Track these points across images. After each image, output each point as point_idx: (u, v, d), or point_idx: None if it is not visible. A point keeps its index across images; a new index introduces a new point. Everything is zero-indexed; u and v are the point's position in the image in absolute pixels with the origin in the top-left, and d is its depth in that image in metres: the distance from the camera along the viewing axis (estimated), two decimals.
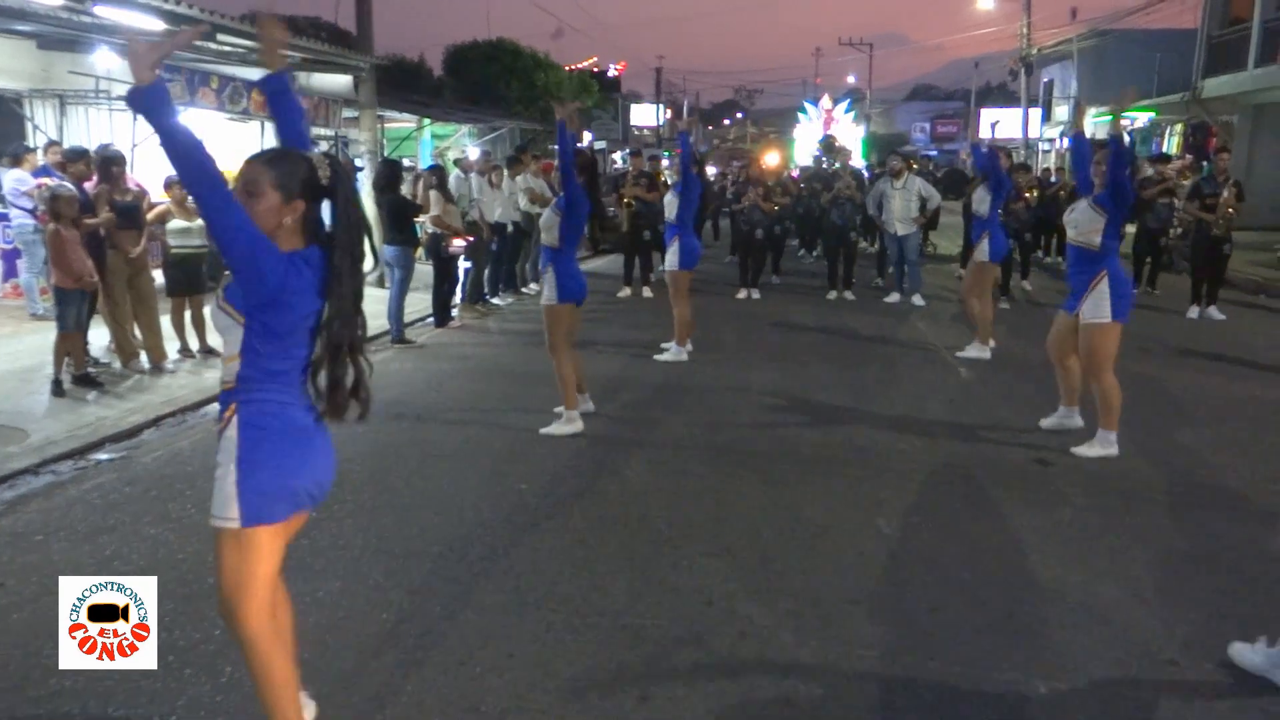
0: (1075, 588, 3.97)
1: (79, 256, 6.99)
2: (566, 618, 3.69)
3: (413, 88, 23.55)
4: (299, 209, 2.52)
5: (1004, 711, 3.10)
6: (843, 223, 12.35)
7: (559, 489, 5.19)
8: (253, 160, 2.55)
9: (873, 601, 3.87)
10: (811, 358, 8.75)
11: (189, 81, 10.49)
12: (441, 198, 10.27)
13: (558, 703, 3.12)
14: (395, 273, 9.64)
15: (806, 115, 47.59)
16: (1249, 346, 8.98)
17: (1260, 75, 18.82)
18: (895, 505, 4.94)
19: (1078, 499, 5.00)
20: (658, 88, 53.20)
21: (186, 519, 4.70)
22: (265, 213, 2.47)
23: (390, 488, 5.15)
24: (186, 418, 6.70)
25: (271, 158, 2.55)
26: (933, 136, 48.97)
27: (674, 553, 4.33)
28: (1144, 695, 3.17)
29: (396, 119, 17.15)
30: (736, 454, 5.82)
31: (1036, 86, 34.16)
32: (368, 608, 3.76)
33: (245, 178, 2.49)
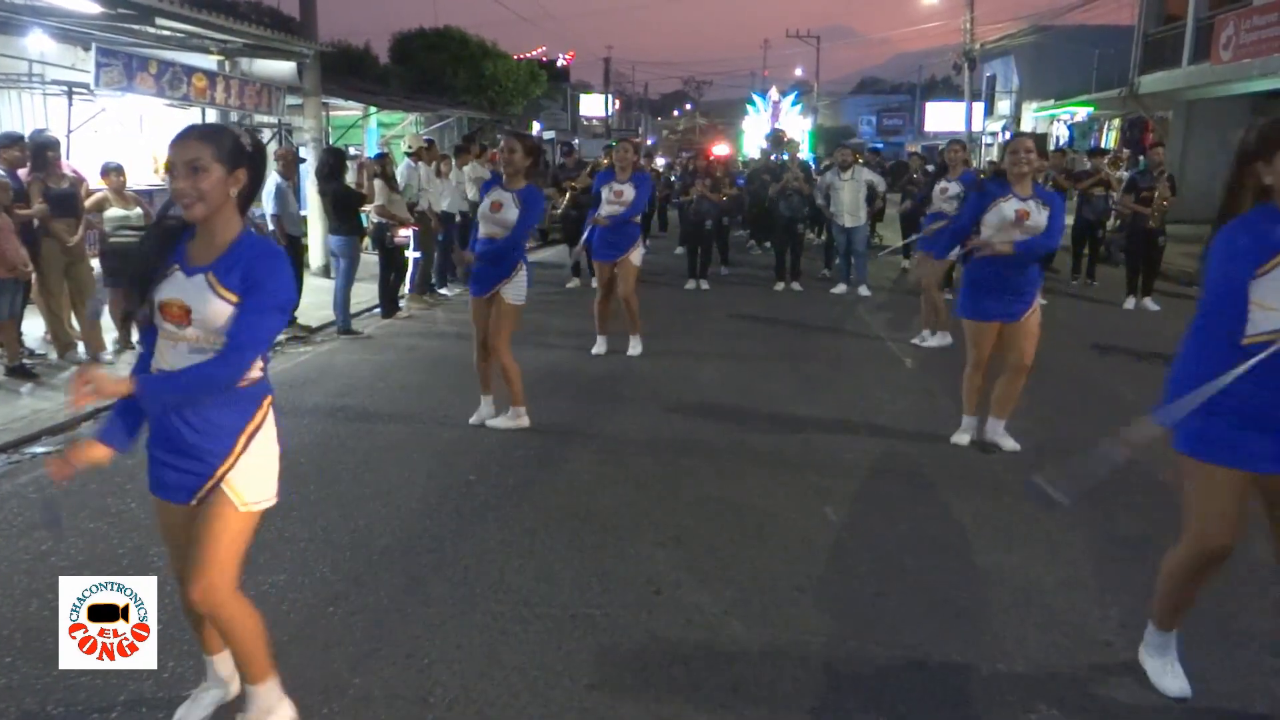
0: (1014, 572, 4.07)
1: (12, 245, 6.81)
2: (514, 608, 3.70)
3: (359, 75, 23.17)
4: (241, 179, 2.53)
5: (946, 692, 3.17)
6: (791, 214, 12.45)
7: (507, 480, 5.18)
8: (187, 139, 2.49)
9: (818, 588, 3.93)
10: (760, 348, 8.82)
11: (126, 67, 10.19)
12: (386, 187, 10.16)
13: (505, 693, 3.13)
14: (340, 262, 9.53)
15: (755, 107, 47.88)
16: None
17: (1193, 72, 19.31)
18: (841, 494, 5.02)
19: (1017, 486, 5.11)
20: (606, 78, 53.15)
21: (127, 514, 4.61)
22: (214, 187, 2.46)
23: (336, 480, 5.10)
24: None
25: (205, 132, 2.56)
26: (879, 129, 49.47)
27: (621, 543, 4.36)
28: (1079, 675, 3.26)
29: (342, 107, 16.87)
30: (684, 444, 5.86)
31: (980, 81, 34.65)
32: (314, 601, 3.73)
33: (186, 156, 2.44)
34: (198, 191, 2.43)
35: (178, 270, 2.53)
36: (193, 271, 2.52)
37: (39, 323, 7.82)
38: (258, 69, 13.32)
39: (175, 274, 2.53)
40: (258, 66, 13.30)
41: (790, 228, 12.59)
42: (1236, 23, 17.33)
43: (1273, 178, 2.73)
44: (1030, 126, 30.01)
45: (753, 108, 49.43)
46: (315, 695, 3.08)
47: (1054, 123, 29.64)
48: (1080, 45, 26.55)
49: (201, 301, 2.49)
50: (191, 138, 2.49)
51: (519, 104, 29.34)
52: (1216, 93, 19.26)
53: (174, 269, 2.54)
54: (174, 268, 2.54)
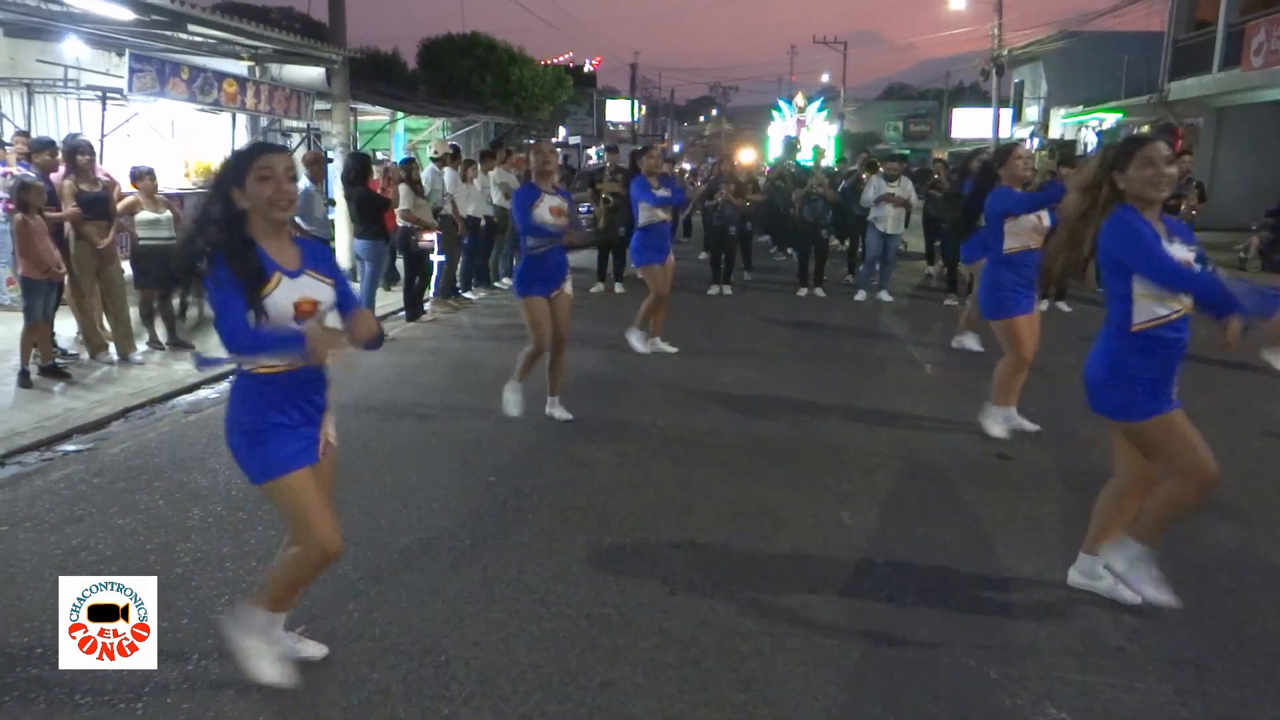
0: (1027, 577, 4.08)
1: (46, 247, 6.96)
2: (532, 607, 3.75)
3: (387, 80, 23.41)
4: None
5: (957, 696, 3.19)
6: (814, 220, 12.47)
7: (526, 482, 5.24)
8: (282, 150, 2.98)
9: (832, 591, 3.96)
10: (781, 353, 8.84)
11: (159, 72, 10.39)
12: (411, 191, 10.27)
13: (521, 688, 3.18)
14: (365, 266, 9.64)
15: (780, 114, 47.82)
16: (1207, 343, 9.14)
17: (1224, 79, 19.14)
18: (858, 498, 5.04)
19: (1033, 492, 5.12)
20: (633, 83, 53.25)
21: (154, 510, 4.71)
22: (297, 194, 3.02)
23: (358, 480, 5.18)
24: (155, 410, 6.69)
25: (281, 146, 2.99)
26: (905, 135, 49.23)
27: (638, 544, 4.40)
28: (1091, 680, 3.27)
29: (370, 112, 17.04)
30: (703, 447, 5.90)
31: (1007, 87, 34.49)
32: (336, 598, 3.80)
33: (286, 164, 2.85)
34: (293, 195, 2.87)
35: (283, 277, 2.85)
36: (296, 274, 2.89)
37: (71, 324, 7.97)
38: (287, 74, 13.52)
39: (283, 281, 2.85)
40: (287, 72, 13.50)
41: (814, 233, 12.59)
42: (1268, 29, 17.16)
43: (1125, 184, 3.51)
44: (1059, 133, 29.80)
45: (778, 114, 49.34)
46: (334, 689, 3.15)
47: (1082, 129, 29.39)
48: (1109, 51, 26.29)
49: (321, 294, 2.92)
50: (281, 149, 3.01)
51: (545, 109, 29.51)
52: (1248, 99, 19.08)
53: (276, 277, 2.84)
54: (276, 276, 2.84)
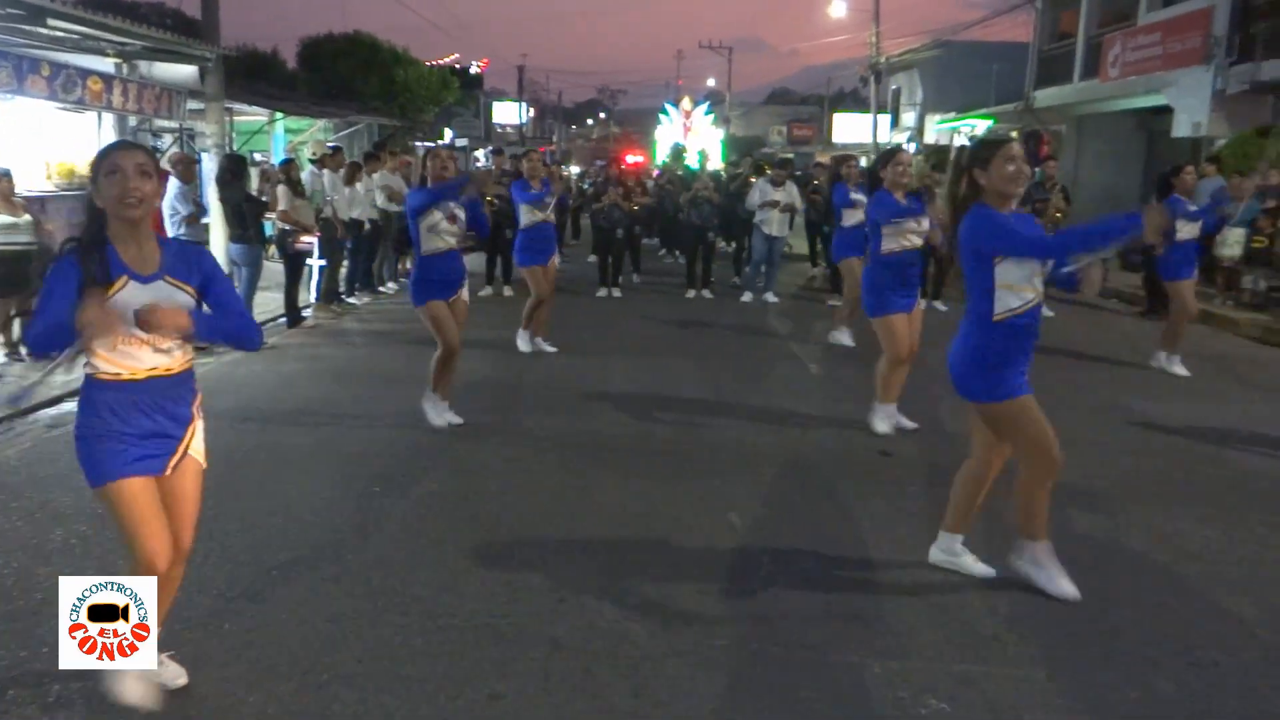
0: (909, 571, 4.19)
1: None
2: (418, 620, 3.67)
3: (265, 80, 22.66)
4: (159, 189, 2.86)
5: (844, 692, 3.25)
6: (701, 222, 12.63)
7: (413, 490, 5.13)
8: (134, 146, 2.80)
9: (721, 593, 3.99)
10: (670, 355, 8.90)
11: (16, 69, 9.79)
12: (290, 193, 9.97)
13: (406, 705, 3.10)
14: (242, 271, 9.30)
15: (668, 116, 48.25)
16: (1073, 339, 9.61)
17: (1084, 88, 20.16)
18: (745, 497, 5.10)
19: (913, 487, 5.27)
20: (520, 85, 52.95)
21: (12, 533, 4.44)
22: (154, 192, 2.74)
23: (237, 493, 4.98)
24: (14, 424, 6.31)
25: (140, 143, 2.90)
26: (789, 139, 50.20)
27: (527, 550, 4.36)
28: (969, 669, 3.38)
29: (247, 112, 16.45)
30: (594, 450, 5.88)
31: (885, 93, 35.51)
32: (209, 618, 3.65)
33: (137, 160, 2.67)
34: (142, 194, 2.67)
35: (129, 281, 2.70)
36: (149, 279, 2.73)
37: None
38: (158, 72, 12.93)
39: (129, 285, 2.69)
40: (158, 70, 12.91)
41: (701, 236, 12.76)
42: (1123, 42, 18.15)
43: (986, 180, 3.71)
44: (934, 139, 30.83)
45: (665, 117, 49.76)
46: (209, 715, 3.01)
47: (956, 135, 30.51)
48: (980, 60, 27.34)
49: (177, 300, 2.73)
50: (135, 146, 2.80)
51: (430, 111, 29.03)
52: (1105, 108, 20.09)
53: (123, 280, 2.68)
54: (122, 279, 2.68)
